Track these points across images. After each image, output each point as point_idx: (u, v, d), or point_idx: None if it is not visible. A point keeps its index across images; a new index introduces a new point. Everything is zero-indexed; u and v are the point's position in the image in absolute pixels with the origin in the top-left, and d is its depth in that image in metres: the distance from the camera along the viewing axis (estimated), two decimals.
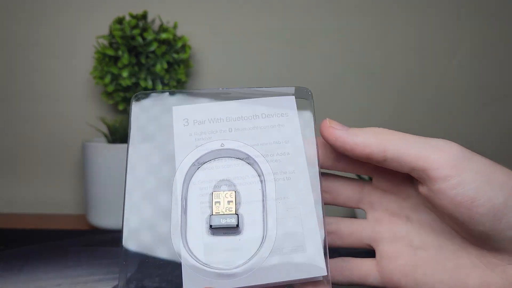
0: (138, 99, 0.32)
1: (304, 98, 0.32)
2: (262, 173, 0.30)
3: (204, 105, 0.31)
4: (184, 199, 0.29)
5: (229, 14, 0.76)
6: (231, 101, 0.31)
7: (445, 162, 0.26)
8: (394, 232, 0.32)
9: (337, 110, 0.76)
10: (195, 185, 0.30)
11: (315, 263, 0.27)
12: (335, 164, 0.32)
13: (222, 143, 0.30)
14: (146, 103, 0.32)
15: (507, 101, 0.77)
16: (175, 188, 0.29)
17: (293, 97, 0.31)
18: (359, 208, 0.34)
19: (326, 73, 0.76)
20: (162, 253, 0.28)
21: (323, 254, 0.27)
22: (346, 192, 0.34)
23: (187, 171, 0.30)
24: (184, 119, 0.31)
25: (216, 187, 0.29)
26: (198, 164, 0.30)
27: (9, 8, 0.74)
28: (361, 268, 0.33)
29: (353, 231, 0.34)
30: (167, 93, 0.32)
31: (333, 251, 0.31)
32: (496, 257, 0.27)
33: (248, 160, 0.30)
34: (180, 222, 0.28)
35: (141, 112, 0.32)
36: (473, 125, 0.77)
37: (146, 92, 0.32)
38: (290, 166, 0.30)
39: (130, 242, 0.29)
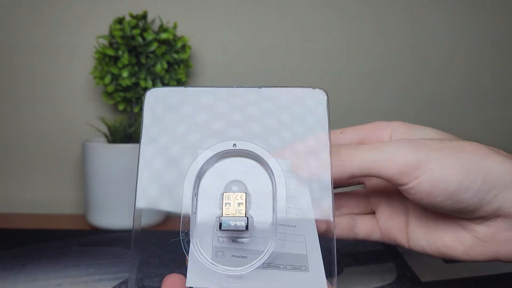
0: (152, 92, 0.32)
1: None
2: (273, 175, 0.30)
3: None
4: (195, 197, 0.29)
5: (229, 14, 0.76)
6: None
7: (397, 172, 0.30)
8: (392, 199, 0.38)
9: (337, 109, 0.76)
10: (205, 185, 0.30)
11: (320, 281, 0.28)
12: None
13: (234, 143, 0.30)
14: (161, 93, 0.32)
15: (506, 102, 0.77)
16: (186, 187, 0.30)
17: (324, 93, 0.32)
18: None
19: (326, 73, 0.76)
20: (170, 250, 0.29)
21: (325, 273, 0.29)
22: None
23: (199, 170, 0.30)
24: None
25: (227, 188, 0.30)
26: (211, 163, 0.30)
27: (9, 8, 0.74)
28: (366, 226, 0.38)
29: (359, 199, 0.41)
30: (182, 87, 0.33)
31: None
32: (469, 221, 0.33)
33: (259, 160, 0.30)
34: (190, 220, 0.29)
35: (156, 102, 0.32)
36: (473, 124, 0.77)
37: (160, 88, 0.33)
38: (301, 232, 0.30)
39: (140, 240, 0.29)
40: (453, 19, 0.76)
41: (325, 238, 0.30)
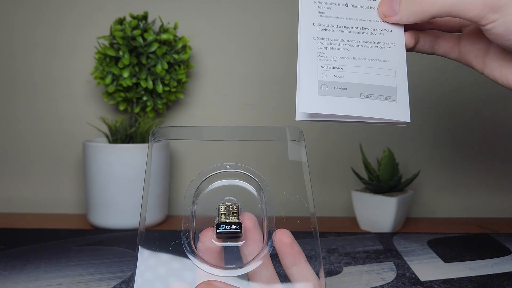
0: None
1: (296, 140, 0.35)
2: (262, 189, 0.33)
3: None
4: (194, 208, 0.33)
5: (229, 14, 0.76)
6: None
7: (476, 15, 0.33)
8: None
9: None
10: (202, 201, 0.34)
11: (404, 111, 0.35)
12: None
13: (227, 166, 0.34)
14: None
15: (506, 101, 0.77)
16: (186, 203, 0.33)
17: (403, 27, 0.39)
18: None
19: None
20: (173, 251, 0.31)
21: (409, 105, 0.36)
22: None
23: (196, 189, 0.34)
24: None
25: (222, 202, 0.33)
26: (208, 182, 0.34)
27: (11, 9, 0.74)
28: (447, 44, 0.41)
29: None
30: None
31: None
32: None
33: (249, 180, 0.34)
34: (191, 229, 0.32)
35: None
36: (473, 124, 0.77)
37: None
38: (392, 40, 0.38)
39: (145, 240, 0.31)
40: None
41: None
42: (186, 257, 0.31)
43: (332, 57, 0.36)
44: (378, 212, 0.64)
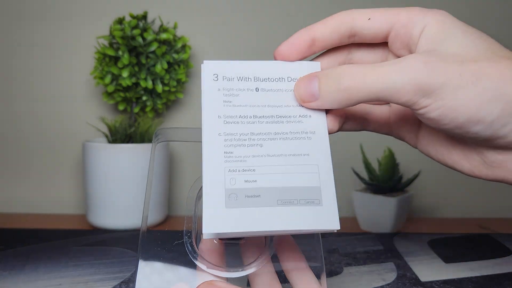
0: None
1: None
2: None
3: (234, 62, 0.32)
4: (197, 208, 0.33)
5: (229, 14, 0.76)
6: (260, 61, 0.33)
7: (406, 101, 0.28)
8: None
9: None
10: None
11: (331, 216, 0.29)
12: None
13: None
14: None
15: None
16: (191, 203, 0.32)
17: (319, 63, 0.33)
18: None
19: None
20: (175, 252, 0.31)
21: (336, 208, 0.29)
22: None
23: (199, 190, 0.33)
24: (214, 74, 0.32)
25: None
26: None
27: (9, 9, 0.74)
28: (377, 121, 0.36)
29: None
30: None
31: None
32: (480, 146, 0.31)
33: None
34: (192, 230, 0.32)
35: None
36: None
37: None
38: (312, 127, 0.31)
39: (147, 240, 0.31)
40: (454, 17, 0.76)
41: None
42: (188, 257, 0.31)
43: (241, 157, 0.30)
44: (378, 213, 0.64)
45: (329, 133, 0.32)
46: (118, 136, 0.67)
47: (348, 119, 0.34)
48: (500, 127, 0.28)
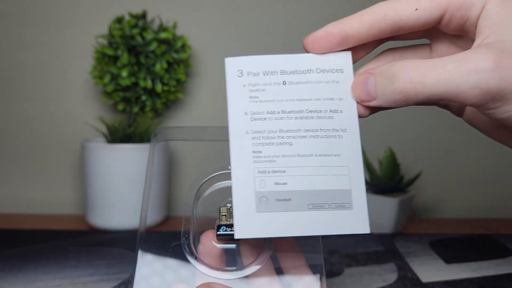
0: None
1: None
2: None
3: (259, 57, 0.32)
4: (195, 210, 0.33)
5: (229, 13, 0.75)
6: (285, 54, 0.32)
7: (476, 100, 0.25)
8: None
9: None
10: (203, 202, 0.33)
11: (362, 221, 0.28)
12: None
13: (229, 167, 0.30)
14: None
15: None
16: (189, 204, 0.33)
17: (350, 53, 0.30)
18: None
19: None
20: (173, 253, 0.31)
21: (367, 211, 0.28)
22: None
23: (197, 191, 0.33)
24: (238, 70, 0.31)
25: (223, 204, 0.33)
26: (208, 183, 0.34)
27: (9, 9, 0.74)
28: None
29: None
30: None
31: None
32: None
33: None
34: (191, 231, 0.32)
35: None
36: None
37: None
38: (343, 125, 0.29)
39: (145, 241, 0.32)
40: None
41: None
42: (186, 259, 0.30)
43: (271, 157, 0.29)
44: (379, 213, 0.63)
45: (359, 117, 0.30)
46: (117, 136, 0.67)
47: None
48: None
